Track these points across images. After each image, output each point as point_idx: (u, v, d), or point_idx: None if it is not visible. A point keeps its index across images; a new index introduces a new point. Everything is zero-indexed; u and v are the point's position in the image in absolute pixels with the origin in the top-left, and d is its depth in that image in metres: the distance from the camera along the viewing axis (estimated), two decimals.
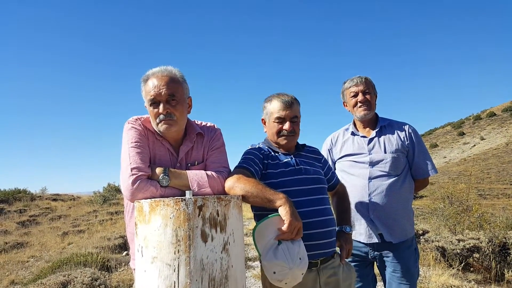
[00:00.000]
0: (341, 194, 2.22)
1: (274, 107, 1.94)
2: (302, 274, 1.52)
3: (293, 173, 1.88)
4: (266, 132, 2.04)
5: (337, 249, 1.99)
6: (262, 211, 1.76)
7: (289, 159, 1.94)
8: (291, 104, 1.92)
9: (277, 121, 1.92)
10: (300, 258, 1.48)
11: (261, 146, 2.00)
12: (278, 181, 1.84)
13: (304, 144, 2.11)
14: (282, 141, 1.94)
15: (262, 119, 2.04)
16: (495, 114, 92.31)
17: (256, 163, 1.83)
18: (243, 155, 1.91)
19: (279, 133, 1.93)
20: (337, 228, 2.03)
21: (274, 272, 1.48)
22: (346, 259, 1.96)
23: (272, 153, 1.96)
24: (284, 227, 1.48)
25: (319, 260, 1.80)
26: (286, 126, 1.91)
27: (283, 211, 1.49)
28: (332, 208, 2.18)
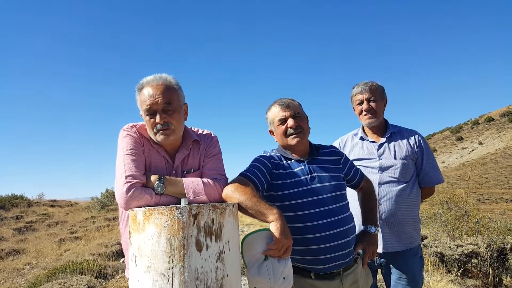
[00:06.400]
0: (366, 191, 2.13)
1: (274, 112, 1.93)
2: None
3: (305, 183, 1.81)
4: (277, 141, 2.00)
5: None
6: None
7: (302, 167, 1.86)
8: (289, 104, 1.91)
9: (280, 123, 1.90)
10: (284, 278, 1.46)
11: (272, 154, 1.94)
12: (290, 192, 1.79)
13: (320, 146, 2.04)
14: (292, 141, 1.87)
15: (270, 131, 2.02)
16: (493, 119, 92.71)
17: (263, 172, 1.78)
18: (251, 161, 1.86)
19: (286, 133, 1.89)
20: (361, 228, 1.98)
21: None
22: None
23: (285, 161, 1.89)
24: (272, 244, 1.45)
25: (341, 269, 1.77)
26: (290, 123, 1.87)
27: (274, 227, 1.46)
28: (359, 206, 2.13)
